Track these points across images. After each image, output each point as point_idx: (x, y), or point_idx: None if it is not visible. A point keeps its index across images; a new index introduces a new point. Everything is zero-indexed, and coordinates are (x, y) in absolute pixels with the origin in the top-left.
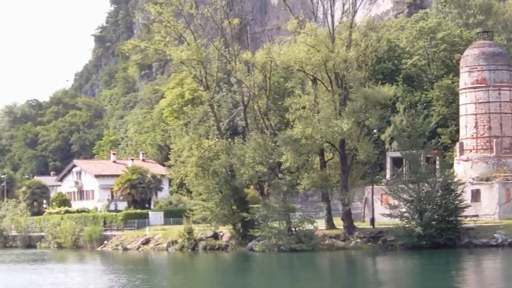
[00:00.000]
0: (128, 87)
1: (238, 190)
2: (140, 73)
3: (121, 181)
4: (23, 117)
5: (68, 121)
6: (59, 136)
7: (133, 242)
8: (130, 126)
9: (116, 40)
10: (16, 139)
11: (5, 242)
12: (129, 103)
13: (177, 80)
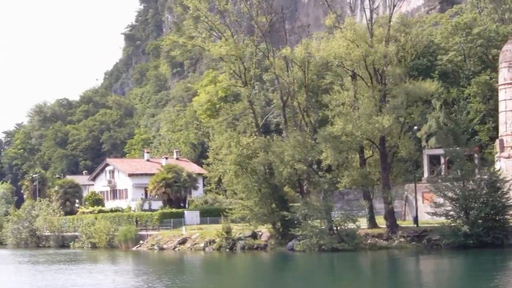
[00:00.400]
0: (159, 85)
1: (277, 188)
2: (172, 71)
3: (156, 180)
4: (53, 116)
5: (99, 120)
6: (90, 135)
7: (169, 242)
8: (163, 124)
9: (146, 38)
10: (46, 139)
11: (38, 242)
12: (160, 101)
13: (210, 77)
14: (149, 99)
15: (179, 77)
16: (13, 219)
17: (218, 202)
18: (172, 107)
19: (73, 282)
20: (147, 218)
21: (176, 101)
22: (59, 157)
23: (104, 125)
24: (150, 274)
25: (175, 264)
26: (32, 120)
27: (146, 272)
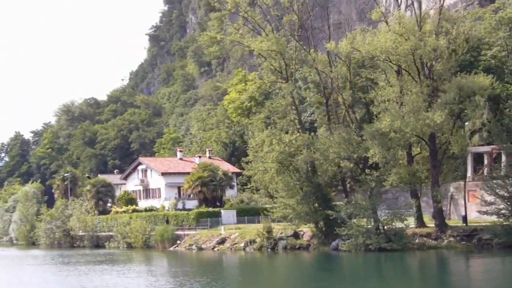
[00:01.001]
0: (187, 85)
1: (320, 187)
2: (199, 70)
3: (192, 179)
4: (81, 115)
5: (127, 119)
6: (118, 135)
7: (208, 242)
8: (194, 123)
9: (170, 39)
10: (74, 138)
11: (72, 242)
12: (189, 101)
13: (240, 76)
14: (177, 98)
15: (206, 76)
16: (46, 219)
17: (253, 201)
18: (201, 106)
19: (116, 284)
20: (183, 217)
21: (205, 100)
22: (87, 156)
23: (133, 125)
24: (195, 274)
25: (217, 265)
26: (60, 120)
27: (190, 272)
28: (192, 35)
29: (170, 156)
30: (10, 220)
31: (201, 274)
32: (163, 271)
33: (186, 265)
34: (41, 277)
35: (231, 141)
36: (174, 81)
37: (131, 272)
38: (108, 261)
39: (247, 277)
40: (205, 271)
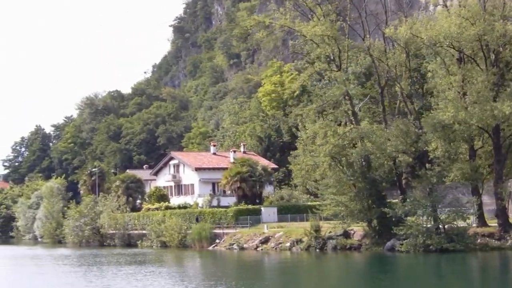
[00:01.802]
0: (215, 77)
1: (375, 183)
2: (228, 62)
3: (230, 174)
4: (105, 109)
5: (153, 113)
6: (144, 129)
7: (250, 241)
8: (226, 116)
9: (195, 31)
10: (98, 132)
11: (102, 240)
12: (218, 93)
13: (274, 67)
14: (205, 91)
15: (236, 69)
16: (75, 216)
17: (294, 199)
18: (232, 99)
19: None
20: (220, 215)
21: (236, 93)
22: (112, 151)
23: (159, 118)
24: (240, 276)
25: (262, 266)
26: (83, 113)
27: (236, 274)
28: (218, 26)
29: (200, 151)
30: (34, 217)
31: (246, 276)
32: (205, 272)
33: (231, 266)
34: (79, 277)
35: (266, 135)
36: (202, 73)
37: (174, 274)
38: (147, 261)
39: (297, 280)
40: (250, 273)
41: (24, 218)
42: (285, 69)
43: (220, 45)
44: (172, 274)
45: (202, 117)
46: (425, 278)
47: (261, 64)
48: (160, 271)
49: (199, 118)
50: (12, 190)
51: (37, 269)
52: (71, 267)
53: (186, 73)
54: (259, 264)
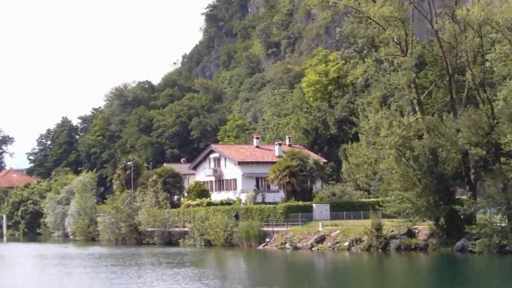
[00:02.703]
0: (251, 67)
1: (443, 178)
2: (266, 51)
3: (279, 168)
4: (135, 100)
5: (186, 105)
6: (177, 121)
7: (304, 240)
8: (266, 108)
9: (229, 19)
10: (128, 125)
11: (140, 238)
12: (255, 85)
13: (320, 56)
14: (240, 82)
15: (274, 58)
16: (111, 212)
17: (347, 195)
18: (271, 90)
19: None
20: (269, 212)
21: (275, 84)
22: (143, 144)
23: (192, 110)
24: (303, 280)
25: (324, 268)
26: (112, 105)
27: (295, 278)
28: (255, 13)
29: (237, 144)
30: (63, 213)
31: (306, 280)
32: (261, 275)
33: (286, 268)
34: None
35: (312, 127)
36: (236, 64)
37: (225, 276)
38: (192, 261)
39: (363, 285)
40: (309, 276)
41: (53, 214)
42: (331, 58)
43: (259, 33)
44: (221, 276)
45: (238, 109)
46: (506, 282)
47: (302, 53)
48: (207, 272)
49: (234, 110)
50: (39, 185)
51: (82, 270)
52: (119, 268)
53: (219, 63)
54: (317, 266)
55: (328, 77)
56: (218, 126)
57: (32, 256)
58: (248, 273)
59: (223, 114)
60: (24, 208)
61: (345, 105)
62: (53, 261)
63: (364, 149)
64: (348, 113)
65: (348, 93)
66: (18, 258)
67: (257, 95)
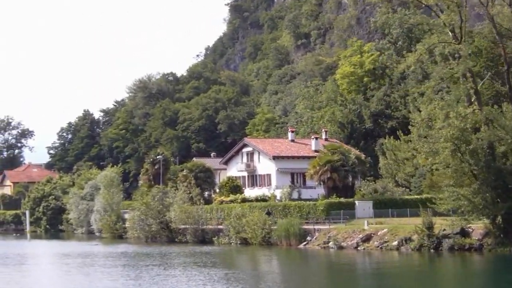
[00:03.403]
0: (280, 59)
1: (501, 173)
2: (296, 42)
3: (319, 163)
4: (159, 93)
5: (213, 97)
6: (203, 114)
7: (348, 239)
8: (299, 101)
9: (254, 10)
10: (153, 118)
11: (171, 236)
12: (284, 77)
13: (355, 47)
14: (269, 74)
15: (304, 50)
16: (141, 208)
17: (389, 191)
18: (302, 82)
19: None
20: (308, 209)
21: (306, 76)
22: (168, 138)
23: (219, 103)
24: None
25: (375, 269)
26: (135, 97)
27: (346, 282)
28: (282, 4)
29: (269, 138)
30: (87, 209)
31: (359, 283)
32: (313, 279)
33: (334, 270)
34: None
35: (348, 121)
36: (263, 55)
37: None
38: (236, 262)
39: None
40: (361, 280)
41: (76, 210)
42: (365, 49)
43: (288, 24)
44: (262, 278)
45: (266, 103)
46: None
47: (334, 45)
48: (248, 274)
49: (263, 104)
50: (61, 180)
51: (121, 270)
52: (161, 268)
53: (246, 55)
54: (367, 267)
55: (363, 69)
56: (246, 119)
57: (63, 255)
58: (292, 275)
59: (251, 108)
60: (45, 204)
61: (381, 98)
62: (87, 260)
63: (415, 143)
64: (384, 106)
65: (384, 85)
66: (50, 257)
67: (286, 88)
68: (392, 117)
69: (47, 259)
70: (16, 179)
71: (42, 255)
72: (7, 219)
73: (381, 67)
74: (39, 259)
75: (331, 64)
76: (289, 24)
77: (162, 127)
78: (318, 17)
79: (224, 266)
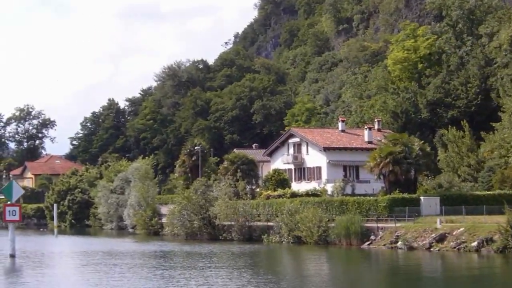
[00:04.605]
0: (319, 46)
1: None
2: (337, 28)
3: (380, 155)
4: (189, 81)
5: (247, 86)
6: (237, 104)
7: (419, 239)
8: (346, 89)
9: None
10: (183, 108)
11: (214, 233)
12: (325, 64)
13: (408, 31)
14: (307, 62)
15: (345, 35)
16: (182, 203)
17: (455, 186)
18: (345, 70)
19: None
20: (369, 205)
21: (350, 63)
22: (199, 129)
23: (254, 92)
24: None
25: (469, 275)
26: (164, 86)
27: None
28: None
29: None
30: (117, 204)
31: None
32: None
33: (419, 277)
34: None
35: (402, 110)
36: (300, 42)
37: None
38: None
39: None
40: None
41: (106, 204)
42: (419, 32)
43: (328, 8)
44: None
45: (305, 91)
46: None
47: (379, 30)
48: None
49: (301, 92)
50: (88, 172)
51: (180, 271)
52: (231, 269)
53: (281, 42)
54: (453, 273)
55: (418, 54)
56: (283, 109)
57: (107, 254)
58: (372, 282)
59: (288, 97)
60: (71, 198)
61: (439, 85)
62: (138, 261)
63: (508, 131)
64: (443, 94)
65: (441, 72)
66: (92, 256)
67: (327, 76)
68: (453, 106)
69: (91, 258)
70: (38, 171)
71: (84, 254)
72: (28, 213)
73: (437, 52)
74: (83, 258)
75: (377, 51)
76: (330, 8)
77: (192, 117)
78: (361, 1)
79: (287, 268)
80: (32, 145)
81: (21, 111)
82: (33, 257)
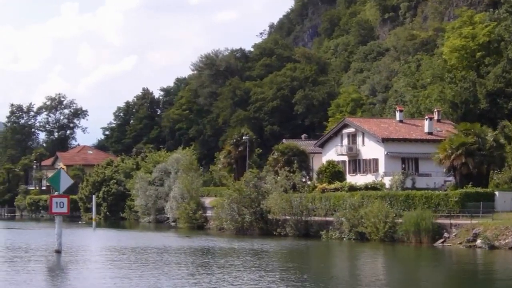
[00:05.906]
0: (362, 35)
1: None
2: (382, 16)
3: (451, 146)
4: (227, 70)
5: (289, 76)
6: (278, 94)
7: (501, 237)
8: (398, 78)
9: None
10: (221, 97)
11: (266, 228)
12: (370, 53)
13: (464, 17)
14: (350, 52)
15: (391, 24)
16: (232, 195)
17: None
18: (393, 59)
19: None
20: (438, 200)
21: (398, 52)
22: (238, 120)
23: (296, 82)
24: None
25: None
26: (201, 75)
27: None
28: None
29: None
30: (156, 196)
31: None
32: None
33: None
34: None
35: (462, 100)
36: (342, 31)
37: None
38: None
39: None
40: None
41: (144, 196)
42: (477, 19)
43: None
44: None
45: (349, 81)
46: None
47: (427, 18)
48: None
49: (345, 82)
50: (124, 163)
51: (263, 273)
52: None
53: (321, 31)
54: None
55: (476, 42)
56: (326, 100)
57: (162, 251)
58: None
59: (331, 87)
60: (106, 189)
61: (500, 74)
62: (200, 259)
63: None
64: (504, 84)
65: (502, 60)
66: (145, 253)
67: (373, 65)
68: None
69: (145, 255)
70: (70, 161)
71: (135, 250)
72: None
73: (497, 40)
74: (136, 256)
75: (427, 39)
76: None
77: (231, 107)
78: None
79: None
80: (63, 135)
81: (52, 100)
82: (79, 252)
